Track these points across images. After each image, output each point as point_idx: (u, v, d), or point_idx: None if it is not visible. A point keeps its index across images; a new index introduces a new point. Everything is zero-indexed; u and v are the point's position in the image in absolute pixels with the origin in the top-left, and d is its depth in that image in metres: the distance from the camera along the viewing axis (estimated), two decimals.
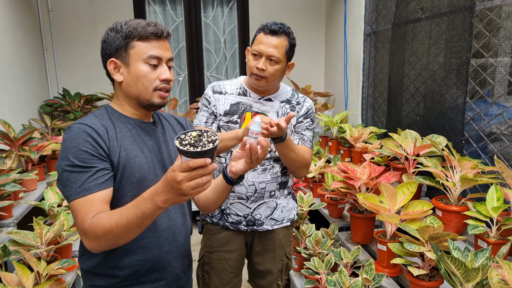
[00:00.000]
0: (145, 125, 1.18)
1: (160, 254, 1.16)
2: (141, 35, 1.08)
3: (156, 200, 0.93)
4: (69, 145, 1.03)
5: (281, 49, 1.58)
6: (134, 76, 1.09)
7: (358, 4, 3.42)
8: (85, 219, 0.98)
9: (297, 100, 1.73)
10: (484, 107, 2.11)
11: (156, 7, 4.18)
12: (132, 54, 1.08)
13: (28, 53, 3.44)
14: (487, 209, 1.59)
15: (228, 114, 1.66)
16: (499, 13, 2.03)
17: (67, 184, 1.02)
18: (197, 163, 0.88)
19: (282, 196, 1.74)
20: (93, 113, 1.14)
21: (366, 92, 3.40)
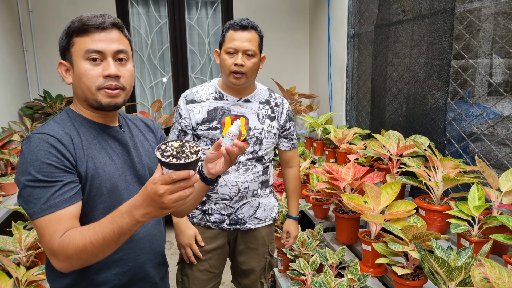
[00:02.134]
0: (111, 129, 1.09)
1: (137, 265, 1.11)
2: (79, 30, 0.97)
3: (135, 214, 0.87)
4: (29, 158, 0.92)
5: (255, 42, 1.59)
6: (77, 75, 1.00)
7: (341, 6, 3.45)
8: (53, 238, 0.89)
9: (275, 101, 1.74)
10: (465, 108, 2.15)
11: (139, 9, 4.13)
12: (73, 52, 0.99)
13: (7, 54, 3.35)
14: (469, 208, 1.62)
15: (206, 121, 1.63)
16: (478, 15, 2.07)
17: (30, 201, 0.92)
18: (180, 175, 0.83)
19: (264, 195, 1.76)
20: (53, 119, 1.03)
21: (350, 94, 3.43)
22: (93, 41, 0.98)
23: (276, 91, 4.26)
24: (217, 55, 1.66)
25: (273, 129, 1.71)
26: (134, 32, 4.16)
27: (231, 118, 1.64)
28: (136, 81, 4.25)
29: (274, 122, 1.72)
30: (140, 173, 1.12)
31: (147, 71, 4.27)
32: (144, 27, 4.18)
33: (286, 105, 1.77)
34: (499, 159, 1.94)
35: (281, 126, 1.75)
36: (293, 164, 1.88)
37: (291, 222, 1.91)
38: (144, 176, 1.13)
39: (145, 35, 4.19)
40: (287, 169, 1.89)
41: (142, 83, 4.29)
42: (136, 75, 4.25)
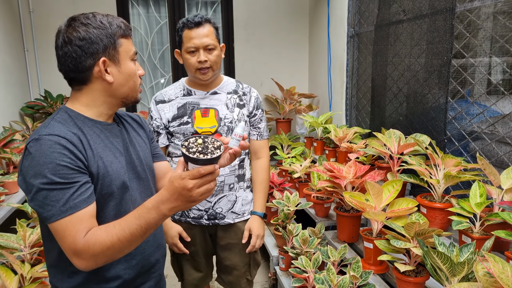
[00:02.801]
0: (111, 127, 1.11)
1: (143, 258, 1.15)
2: (125, 32, 1.06)
3: (162, 209, 0.92)
4: (42, 161, 0.92)
5: (212, 35, 1.63)
6: (127, 74, 1.06)
7: (341, 6, 3.46)
8: (77, 239, 0.91)
9: (243, 91, 1.78)
10: (465, 107, 2.16)
11: (139, 9, 4.14)
12: (121, 52, 1.04)
13: (8, 54, 3.36)
14: (470, 205, 1.63)
15: (177, 117, 1.69)
16: (478, 15, 2.09)
17: (47, 203, 0.92)
18: (208, 169, 0.90)
19: (241, 189, 1.79)
20: (54, 119, 1.02)
21: (350, 93, 3.44)
22: (131, 44, 1.09)
23: (275, 91, 4.27)
24: (178, 55, 1.71)
25: (243, 116, 1.75)
26: (134, 32, 4.16)
27: (201, 111, 1.69)
28: None
29: (244, 109, 1.75)
30: (139, 168, 1.15)
31: (147, 71, 4.28)
32: (144, 27, 4.18)
33: (254, 93, 1.81)
34: (500, 157, 1.95)
35: (249, 112, 1.78)
36: (261, 155, 1.86)
37: (255, 219, 1.79)
38: (142, 171, 1.16)
39: (145, 35, 4.19)
40: (255, 160, 1.88)
41: (143, 83, 4.29)
42: None
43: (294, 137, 3.93)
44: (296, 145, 3.52)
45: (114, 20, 1.05)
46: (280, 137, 3.58)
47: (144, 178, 1.17)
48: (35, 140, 0.95)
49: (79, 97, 1.06)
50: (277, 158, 3.37)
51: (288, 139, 3.63)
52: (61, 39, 1.02)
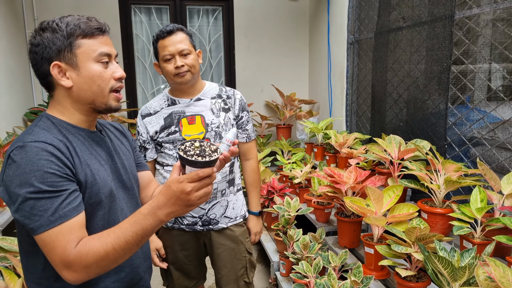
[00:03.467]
0: (94, 134, 1.06)
1: (132, 271, 1.11)
2: (85, 32, 0.97)
3: (159, 214, 0.90)
4: (29, 169, 0.86)
5: (186, 41, 1.66)
6: (88, 78, 0.98)
7: (341, 14, 3.49)
8: (68, 250, 0.86)
9: (226, 94, 1.80)
10: (465, 112, 2.17)
11: (142, 16, 4.18)
12: (79, 54, 0.97)
13: (13, 60, 3.39)
14: (471, 210, 1.63)
15: (165, 128, 1.71)
16: (477, 22, 2.11)
17: (34, 214, 0.86)
18: (206, 172, 0.89)
19: (231, 194, 1.82)
20: (38, 126, 0.97)
21: (350, 99, 3.46)
22: (101, 44, 1.00)
23: (276, 97, 4.29)
24: (157, 67, 1.73)
25: (230, 120, 1.77)
26: (136, 39, 4.19)
27: (187, 119, 1.71)
28: (138, 87, 4.28)
29: (229, 113, 1.77)
30: (124, 177, 1.11)
31: (149, 78, 4.30)
32: (146, 35, 4.21)
33: (238, 95, 1.83)
34: (500, 163, 1.95)
35: (236, 115, 1.80)
36: (250, 156, 1.91)
37: (252, 218, 1.94)
38: (128, 180, 1.13)
39: (147, 42, 4.22)
40: (244, 162, 1.92)
41: (144, 89, 4.31)
42: (138, 81, 4.28)
43: (295, 143, 3.94)
44: (297, 151, 3.52)
45: (77, 20, 0.98)
46: (280, 143, 3.59)
47: (129, 187, 1.13)
48: (19, 148, 0.89)
49: (54, 103, 1.03)
50: (278, 163, 3.37)
51: (289, 145, 3.63)
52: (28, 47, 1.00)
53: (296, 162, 3.26)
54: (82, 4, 3.85)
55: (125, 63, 4.11)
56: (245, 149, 1.88)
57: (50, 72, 0.97)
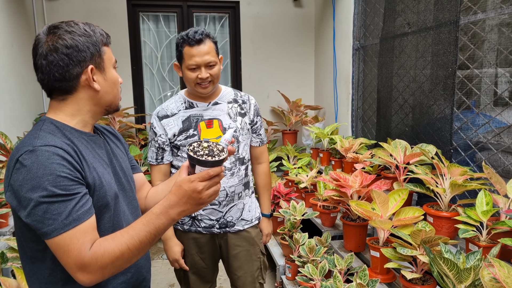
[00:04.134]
0: (95, 138, 1.08)
1: (137, 271, 1.13)
2: (106, 41, 1.05)
3: (171, 213, 0.93)
4: (41, 173, 0.87)
5: (213, 52, 1.65)
6: (111, 82, 1.05)
7: (346, 20, 3.52)
8: (83, 252, 0.87)
9: (242, 99, 1.82)
10: (470, 117, 2.18)
11: (150, 24, 4.24)
12: (106, 60, 1.04)
13: (24, 66, 3.46)
14: (477, 214, 1.63)
15: (183, 131, 1.71)
16: (483, 27, 2.12)
17: (48, 217, 0.87)
18: (216, 171, 0.93)
19: (247, 196, 1.84)
20: (43, 131, 0.97)
21: (355, 105, 3.47)
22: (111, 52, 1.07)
23: (282, 102, 4.32)
24: (177, 68, 1.72)
25: (246, 125, 1.79)
26: (144, 46, 4.26)
27: (206, 123, 1.72)
28: (146, 93, 4.34)
29: (245, 118, 1.80)
30: (123, 180, 1.13)
31: (157, 84, 4.35)
32: (154, 42, 4.27)
33: (252, 100, 1.86)
34: (506, 167, 1.96)
35: (251, 120, 1.82)
36: (262, 160, 1.94)
37: (263, 219, 1.96)
38: (126, 183, 1.14)
39: (155, 49, 4.28)
40: (256, 165, 1.95)
41: (152, 95, 4.37)
42: (146, 87, 4.33)
43: (300, 148, 3.96)
44: (302, 156, 3.54)
45: (96, 28, 1.04)
46: (286, 148, 3.60)
47: (128, 189, 1.15)
48: (29, 152, 0.89)
49: (63, 107, 1.02)
50: (284, 168, 3.39)
51: (294, 150, 3.65)
52: (44, 47, 0.97)
53: (302, 167, 3.27)
54: (93, 12, 3.93)
55: (133, 70, 4.16)
56: (258, 153, 1.91)
57: (80, 75, 0.99)
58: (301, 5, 4.36)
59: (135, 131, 4.09)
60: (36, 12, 3.79)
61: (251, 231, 1.84)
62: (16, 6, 3.42)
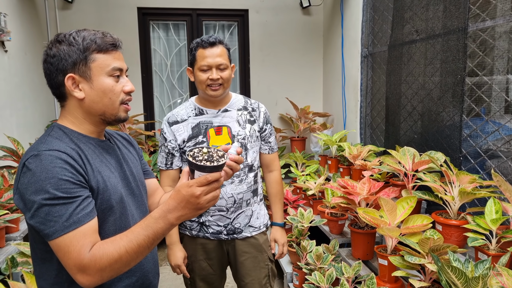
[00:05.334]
0: (103, 143, 1.10)
1: (143, 275, 1.13)
2: (101, 47, 1.02)
3: (169, 218, 0.93)
4: (44, 176, 0.90)
5: (225, 55, 1.68)
6: (100, 91, 1.02)
7: (354, 28, 3.53)
8: (82, 254, 0.89)
9: (252, 107, 1.83)
10: (480, 124, 2.16)
11: (160, 32, 4.30)
12: (93, 68, 1.01)
13: (37, 74, 3.53)
14: (486, 222, 1.62)
15: (192, 137, 1.73)
16: (491, 34, 2.11)
17: (49, 219, 0.89)
18: (215, 176, 0.92)
19: (255, 203, 1.83)
20: (51, 136, 1.01)
21: (364, 112, 3.46)
22: (114, 59, 1.05)
23: (290, 110, 4.33)
24: (190, 73, 1.75)
25: (255, 132, 1.80)
26: (154, 54, 4.31)
27: (215, 130, 1.73)
28: (155, 100, 4.39)
29: (255, 125, 1.80)
30: (133, 184, 1.14)
31: (166, 91, 4.40)
32: (164, 49, 4.33)
33: (262, 108, 1.86)
34: None
35: (260, 128, 1.82)
36: (273, 168, 1.92)
37: (277, 229, 1.92)
38: (136, 188, 1.16)
39: (165, 56, 4.34)
40: (267, 173, 1.94)
41: (161, 102, 4.41)
42: (156, 94, 4.39)
43: (309, 155, 3.95)
44: (311, 163, 3.54)
45: (93, 35, 1.02)
46: (294, 155, 3.61)
47: (138, 194, 1.16)
48: (34, 156, 0.93)
49: (65, 113, 1.06)
50: (292, 175, 3.39)
51: (303, 157, 3.65)
52: (42, 56, 1.03)
53: (310, 174, 3.27)
54: (104, 21, 4.00)
55: (143, 77, 4.22)
56: (268, 160, 1.90)
57: (64, 83, 1.01)
58: (309, 13, 4.39)
59: (145, 137, 4.13)
60: (49, 21, 3.87)
61: (259, 238, 1.84)
62: (30, 15, 3.51)
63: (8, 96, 2.96)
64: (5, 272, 1.78)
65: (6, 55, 2.96)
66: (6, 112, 2.90)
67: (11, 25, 3.02)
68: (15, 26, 3.14)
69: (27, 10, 3.44)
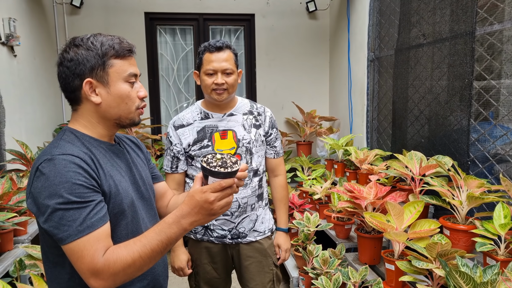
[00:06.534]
0: (114, 147, 1.10)
1: (154, 279, 1.14)
2: (118, 53, 1.03)
3: (183, 223, 0.94)
4: (58, 180, 0.90)
5: (231, 60, 1.68)
6: (117, 96, 1.03)
7: (361, 32, 3.53)
8: (96, 258, 0.89)
9: (257, 111, 1.83)
10: (488, 128, 2.15)
11: (167, 37, 4.33)
12: (111, 73, 1.02)
13: (45, 79, 3.57)
14: (494, 227, 1.60)
15: (198, 141, 1.73)
16: (499, 37, 2.10)
17: (63, 224, 0.90)
18: (228, 182, 0.93)
19: (260, 208, 1.83)
20: (63, 140, 1.01)
21: (370, 116, 3.45)
22: (130, 65, 1.06)
23: (296, 114, 4.33)
24: (196, 76, 1.76)
25: (260, 136, 1.79)
26: (161, 59, 4.34)
27: (220, 134, 1.73)
28: (162, 104, 4.41)
29: (260, 129, 1.80)
30: (142, 188, 1.15)
31: (173, 95, 4.42)
32: (170, 54, 4.36)
33: (268, 113, 1.86)
34: None
35: (266, 132, 1.82)
36: (279, 172, 1.92)
37: (281, 235, 1.91)
38: (145, 191, 1.16)
39: (171, 61, 4.36)
40: (273, 178, 1.93)
41: (168, 106, 4.43)
42: (162, 98, 4.41)
43: (315, 159, 3.95)
44: (317, 167, 3.53)
45: (111, 41, 1.03)
46: (300, 159, 3.60)
47: (147, 198, 1.17)
48: (48, 161, 0.93)
49: (77, 117, 1.06)
50: (298, 179, 3.38)
51: (309, 161, 3.64)
52: (57, 59, 1.03)
53: (316, 178, 3.26)
54: (111, 26, 4.04)
55: (150, 81, 4.25)
56: (273, 165, 1.90)
57: (80, 88, 1.01)
58: (315, 17, 4.39)
59: (151, 141, 4.15)
60: (57, 26, 3.92)
61: (264, 243, 1.83)
62: (39, 20, 3.55)
63: (17, 100, 3.00)
64: (13, 274, 1.80)
65: (15, 60, 3.00)
66: (15, 116, 2.93)
67: (21, 30, 3.06)
68: (24, 31, 3.18)
69: (36, 15, 3.49)
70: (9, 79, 2.88)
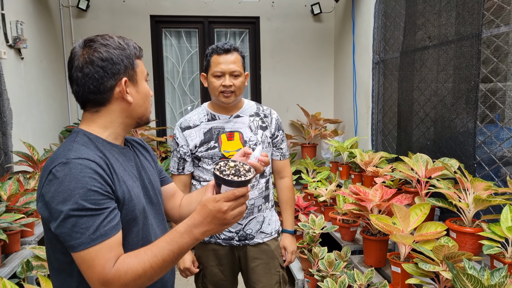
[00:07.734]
0: (125, 150, 1.08)
1: (163, 285, 1.12)
2: (139, 54, 1.06)
3: (195, 233, 0.91)
4: (73, 186, 0.87)
5: (239, 63, 1.69)
6: (144, 94, 1.06)
7: (366, 34, 3.53)
8: (107, 268, 0.87)
9: (264, 113, 1.84)
10: (494, 131, 2.14)
11: (172, 40, 4.35)
12: (138, 73, 1.04)
13: (52, 81, 3.61)
14: (501, 230, 1.59)
15: (204, 142, 1.73)
16: (506, 40, 2.10)
17: (76, 231, 0.86)
18: (242, 191, 0.91)
19: (267, 209, 1.83)
20: (77, 143, 0.97)
21: (375, 118, 3.45)
22: (143, 65, 1.09)
23: (301, 116, 4.33)
24: (204, 78, 1.77)
25: (267, 138, 1.80)
26: (166, 61, 4.36)
27: (227, 135, 1.74)
28: (167, 106, 4.43)
29: (266, 131, 1.81)
30: (151, 193, 1.13)
31: (178, 97, 4.44)
32: (176, 57, 4.38)
33: (274, 115, 1.86)
34: None
35: (272, 134, 1.83)
36: (285, 174, 1.92)
37: (287, 237, 1.91)
38: (154, 196, 1.14)
39: (177, 63, 4.38)
40: (279, 180, 1.93)
41: (173, 109, 4.45)
42: (167, 101, 4.43)
43: (320, 161, 3.94)
44: (322, 169, 3.52)
45: (130, 41, 1.05)
46: (305, 162, 3.60)
47: (156, 202, 1.15)
48: (62, 164, 0.89)
49: (96, 119, 1.03)
50: (303, 182, 3.38)
51: (314, 163, 3.64)
52: (81, 60, 0.98)
53: (321, 181, 3.25)
54: (117, 29, 4.06)
55: (155, 84, 4.27)
56: (279, 167, 1.90)
57: (114, 87, 0.99)
58: (320, 20, 4.40)
59: (156, 143, 4.16)
60: (64, 28, 3.95)
61: (271, 244, 1.83)
62: (45, 23, 3.58)
63: (24, 102, 3.02)
64: (21, 275, 1.81)
65: (22, 62, 3.03)
66: (22, 118, 2.96)
67: (27, 33, 3.09)
68: (31, 34, 3.21)
69: (43, 18, 3.52)
70: (16, 81, 2.91)
